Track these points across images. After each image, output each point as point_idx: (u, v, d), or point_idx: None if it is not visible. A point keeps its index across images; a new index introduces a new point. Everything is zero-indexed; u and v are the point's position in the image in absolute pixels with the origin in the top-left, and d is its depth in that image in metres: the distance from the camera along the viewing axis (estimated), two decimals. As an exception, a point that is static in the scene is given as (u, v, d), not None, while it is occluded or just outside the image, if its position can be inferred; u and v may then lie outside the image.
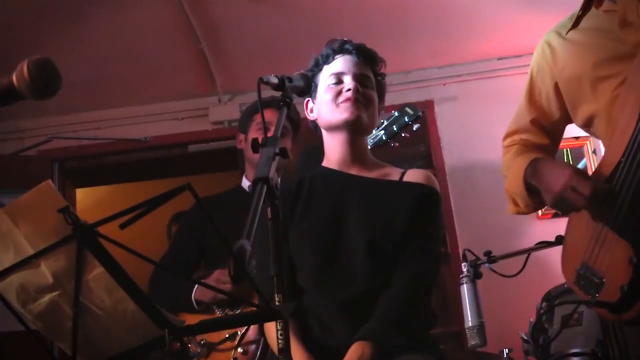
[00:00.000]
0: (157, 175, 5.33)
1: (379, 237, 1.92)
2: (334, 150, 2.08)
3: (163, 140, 4.84)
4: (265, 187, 1.30)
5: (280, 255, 1.32)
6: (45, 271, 1.34)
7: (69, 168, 5.01)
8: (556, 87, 1.94)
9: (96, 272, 1.33)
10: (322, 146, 2.12)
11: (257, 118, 3.05)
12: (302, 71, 1.81)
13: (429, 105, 4.83)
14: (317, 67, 2.13)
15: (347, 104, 2.00)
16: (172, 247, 3.05)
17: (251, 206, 1.23)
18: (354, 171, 2.05)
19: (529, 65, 2.11)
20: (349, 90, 2.02)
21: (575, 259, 1.77)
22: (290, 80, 1.68)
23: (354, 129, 2.03)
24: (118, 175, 5.37)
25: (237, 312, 2.66)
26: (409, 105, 3.10)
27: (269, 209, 1.35)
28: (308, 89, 1.80)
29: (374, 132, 3.04)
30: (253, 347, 2.48)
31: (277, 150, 1.39)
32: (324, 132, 2.10)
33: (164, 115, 4.95)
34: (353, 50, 2.11)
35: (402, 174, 2.06)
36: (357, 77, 2.05)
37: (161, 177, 5.34)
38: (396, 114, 2.99)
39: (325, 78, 2.10)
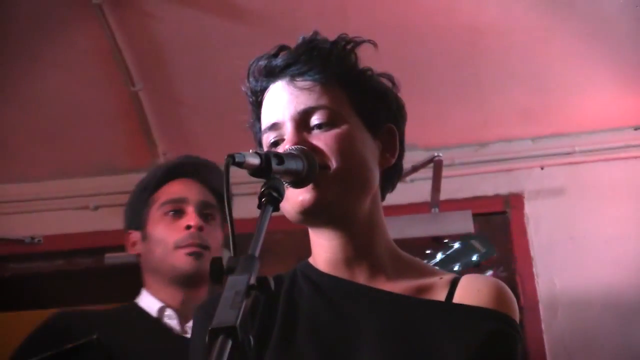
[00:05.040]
0: (50, 301, 5.29)
1: None
2: (320, 246, 2.02)
3: (62, 242, 4.86)
4: (230, 344, 1.28)
5: None
6: None
7: None
8: None
9: None
10: None
11: (161, 196, 3.12)
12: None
13: (515, 201, 4.86)
14: (258, 119, 2.05)
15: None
16: None
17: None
18: (361, 278, 1.99)
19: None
20: None
21: None
22: (280, 159, 1.68)
23: (325, 221, 1.94)
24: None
25: None
26: (480, 237, 3.10)
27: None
28: (312, 174, 1.79)
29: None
30: None
31: (251, 282, 1.39)
32: None
33: (67, 200, 4.99)
34: (289, 64, 1.97)
35: (452, 285, 1.97)
36: (299, 122, 1.93)
37: (56, 305, 5.29)
38: (457, 245, 3.00)
39: (263, 138, 2.01)
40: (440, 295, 1.93)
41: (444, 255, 2.89)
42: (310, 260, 2.02)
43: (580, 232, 4.77)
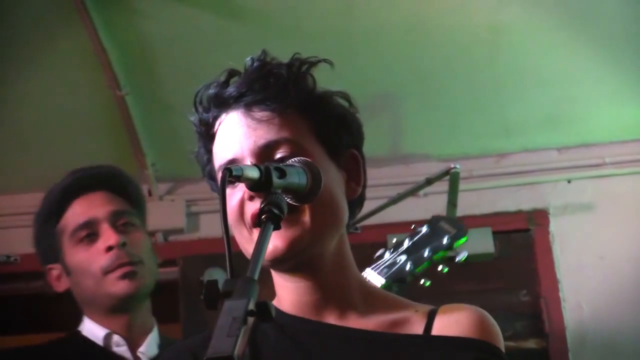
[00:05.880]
0: (27, 327, 5.30)
1: None
2: (286, 288, 2.02)
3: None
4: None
5: None
6: None
7: None
8: None
9: None
10: None
11: (68, 223, 3.03)
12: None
13: (540, 217, 4.85)
14: (207, 151, 2.07)
15: (255, 228, 1.89)
16: None
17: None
18: (331, 318, 2.00)
19: None
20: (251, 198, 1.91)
21: None
22: (281, 172, 1.69)
23: (293, 267, 1.96)
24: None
25: None
26: (446, 217, 3.10)
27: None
28: (316, 188, 1.79)
29: (386, 255, 3.02)
30: None
31: (250, 307, 1.38)
32: None
33: (45, 216, 4.99)
34: (243, 93, 1.98)
35: (430, 317, 1.99)
36: (260, 157, 1.91)
37: (34, 331, 5.30)
38: (425, 229, 3.00)
39: (218, 175, 2.00)
40: (418, 329, 1.96)
41: (411, 242, 2.87)
42: (275, 302, 2.02)
43: (611, 251, 4.76)
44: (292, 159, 1.82)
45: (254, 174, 1.64)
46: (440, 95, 4.52)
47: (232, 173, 1.60)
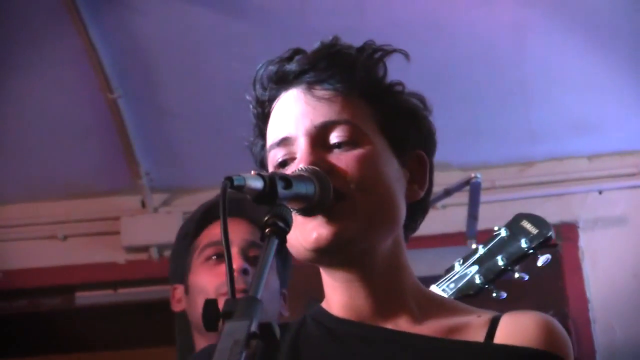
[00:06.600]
0: (11, 349, 5.29)
1: None
2: (335, 288, 2.01)
3: (26, 279, 4.86)
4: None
5: None
6: None
7: None
8: None
9: None
10: None
11: (202, 241, 3.15)
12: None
13: (568, 231, 4.84)
14: (262, 135, 2.04)
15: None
16: None
17: None
18: (383, 323, 1.99)
19: None
20: None
21: None
22: (287, 183, 1.69)
23: (341, 261, 1.95)
24: None
25: None
26: (531, 215, 3.06)
27: None
28: (325, 200, 1.78)
29: (456, 266, 3.00)
30: None
31: (253, 329, 1.39)
32: None
33: (31, 228, 5.01)
34: (306, 70, 1.98)
35: (492, 324, 1.99)
36: (315, 137, 1.92)
37: (18, 355, 5.30)
38: (503, 232, 2.96)
39: (268, 156, 2.01)
40: (478, 336, 1.96)
41: (485, 249, 2.82)
42: (324, 304, 2.02)
43: (647, 268, 4.76)
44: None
45: (258, 184, 1.64)
46: (461, 99, 4.52)
47: (233, 183, 1.60)
